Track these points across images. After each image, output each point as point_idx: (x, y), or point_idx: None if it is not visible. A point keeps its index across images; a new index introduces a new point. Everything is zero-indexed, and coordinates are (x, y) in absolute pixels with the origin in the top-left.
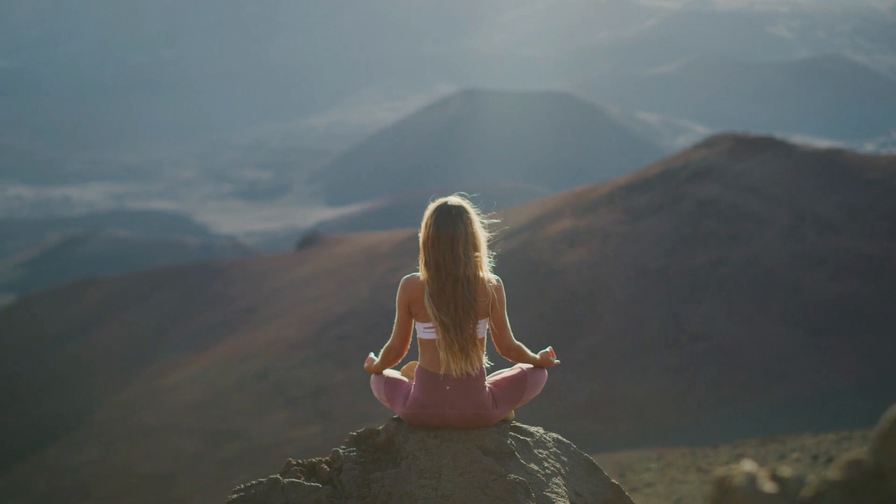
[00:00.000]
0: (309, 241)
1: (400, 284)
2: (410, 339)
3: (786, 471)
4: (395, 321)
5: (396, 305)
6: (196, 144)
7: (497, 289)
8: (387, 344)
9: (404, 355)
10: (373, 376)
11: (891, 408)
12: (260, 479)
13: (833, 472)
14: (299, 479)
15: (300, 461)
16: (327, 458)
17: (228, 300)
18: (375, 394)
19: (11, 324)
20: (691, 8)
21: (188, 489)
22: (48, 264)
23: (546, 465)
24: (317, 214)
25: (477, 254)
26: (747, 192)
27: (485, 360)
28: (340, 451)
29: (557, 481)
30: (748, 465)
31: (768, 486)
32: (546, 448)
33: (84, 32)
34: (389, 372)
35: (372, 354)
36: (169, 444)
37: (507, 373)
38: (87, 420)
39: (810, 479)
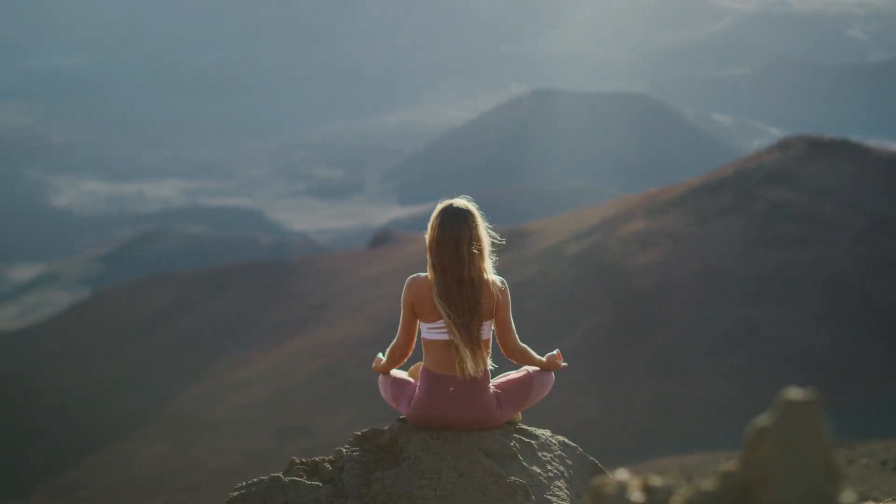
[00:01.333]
0: (380, 239)
1: (405, 283)
2: (415, 339)
3: (657, 480)
4: (400, 320)
5: (401, 305)
6: (269, 142)
7: (502, 290)
8: (392, 343)
9: (409, 355)
10: (380, 376)
11: (755, 418)
12: (261, 477)
13: (706, 484)
14: (301, 477)
15: (304, 460)
16: (331, 457)
17: (300, 297)
18: (382, 394)
19: (85, 318)
20: (766, 9)
21: None
22: (122, 260)
23: (549, 467)
24: (389, 213)
25: (480, 256)
26: (819, 196)
27: (489, 363)
28: (344, 450)
29: (560, 484)
30: (621, 474)
31: (636, 496)
32: (551, 451)
33: (159, 30)
34: (396, 372)
35: (380, 354)
36: (238, 440)
37: (513, 375)
38: (158, 414)
39: (681, 490)
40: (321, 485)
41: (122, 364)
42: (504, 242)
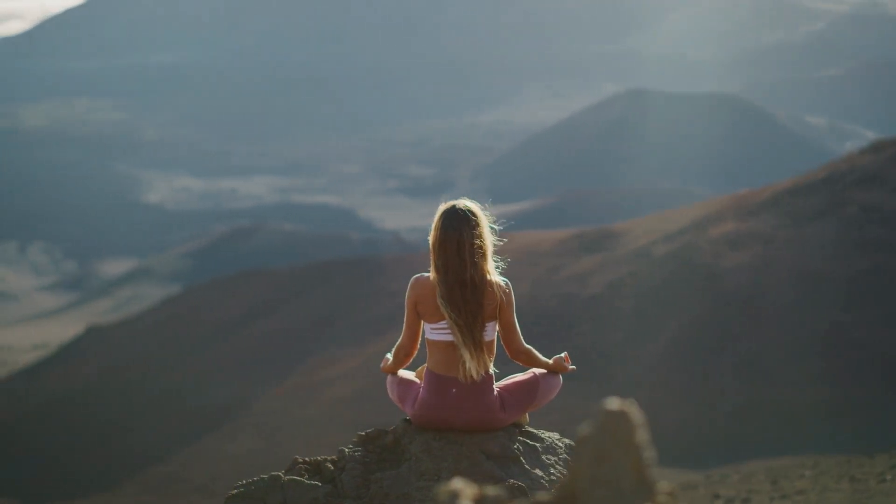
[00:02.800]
0: None
1: (409, 283)
2: (420, 339)
3: (491, 490)
4: (405, 320)
5: (405, 304)
6: (361, 140)
7: (506, 292)
8: (397, 343)
9: (414, 355)
10: (388, 377)
11: (579, 427)
12: (262, 476)
13: (541, 495)
14: (303, 476)
15: (306, 459)
16: (333, 457)
17: (390, 295)
18: (389, 394)
19: (176, 314)
20: (860, 10)
21: None
22: (214, 256)
23: (552, 471)
24: None
25: (483, 257)
26: None
27: (491, 366)
28: (346, 450)
29: None
30: (456, 483)
31: None
32: (556, 454)
33: (253, 27)
34: (403, 373)
35: (388, 355)
36: (326, 437)
37: (518, 377)
38: (247, 410)
39: (515, 501)
40: (320, 484)
41: (213, 359)
42: (504, 242)
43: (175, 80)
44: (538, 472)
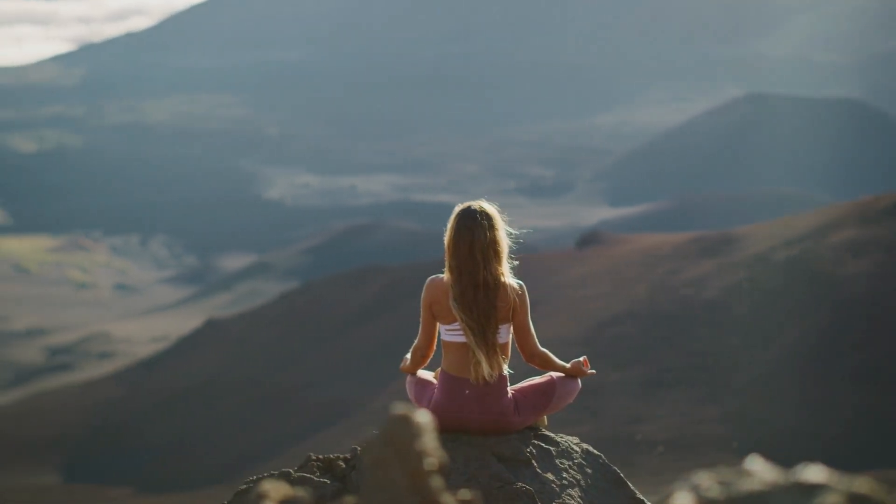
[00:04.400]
0: (589, 239)
1: (424, 284)
2: (436, 340)
3: (299, 491)
4: (420, 321)
5: (421, 305)
6: (482, 139)
7: (519, 294)
8: (414, 344)
9: (430, 356)
10: (407, 377)
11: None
12: (272, 472)
13: (349, 499)
14: (314, 474)
15: (320, 456)
16: (347, 455)
17: None
18: (408, 394)
19: (294, 309)
20: None
21: None
22: (332, 252)
23: (565, 475)
24: (598, 213)
25: (497, 259)
26: None
27: (505, 368)
28: (359, 448)
29: (572, 493)
30: (266, 484)
31: None
32: (571, 459)
33: (375, 26)
34: (422, 373)
35: (407, 355)
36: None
37: (536, 380)
38: (365, 406)
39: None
40: (329, 482)
41: (332, 355)
42: (522, 243)
43: (297, 77)
44: (549, 475)
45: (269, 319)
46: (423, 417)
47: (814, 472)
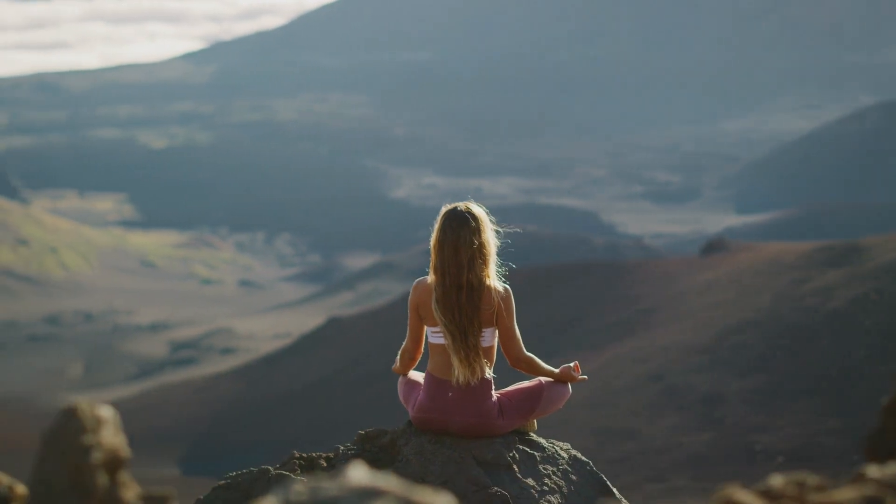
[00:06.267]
0: (714, 246)
1: (412, 286)
2: (423, 342)
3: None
4: (408, 323)
5: (408, 307)
6: (609, 143)
7: (504, 298)
8: (402, 346)
9: (418, 358)
10: (399, 378)
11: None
12: (250, 469)
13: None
14: (295, 472)
15: (303, 454)
16: (330, 454)
17: (630, 301)
18: (399, 395)
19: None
20: None
21: None
22: None
23: (546, 481)
24: (724, 220)
25: (483, 261)
26: None
27: (488, 371)
28: (341, 448)
29: (552, 499)
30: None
31: None
32: (555, 465)
33: (502, 28)
34: (413, 374)
35: (398, 357)
36: (561, 438)
37: (524, 384)
38: None
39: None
40: (306, 480)
41: None
42: (508, 243)
43: (425, 77)
44: (530, 480)
45: (390, 318)
46: (105, 411)
47: None
